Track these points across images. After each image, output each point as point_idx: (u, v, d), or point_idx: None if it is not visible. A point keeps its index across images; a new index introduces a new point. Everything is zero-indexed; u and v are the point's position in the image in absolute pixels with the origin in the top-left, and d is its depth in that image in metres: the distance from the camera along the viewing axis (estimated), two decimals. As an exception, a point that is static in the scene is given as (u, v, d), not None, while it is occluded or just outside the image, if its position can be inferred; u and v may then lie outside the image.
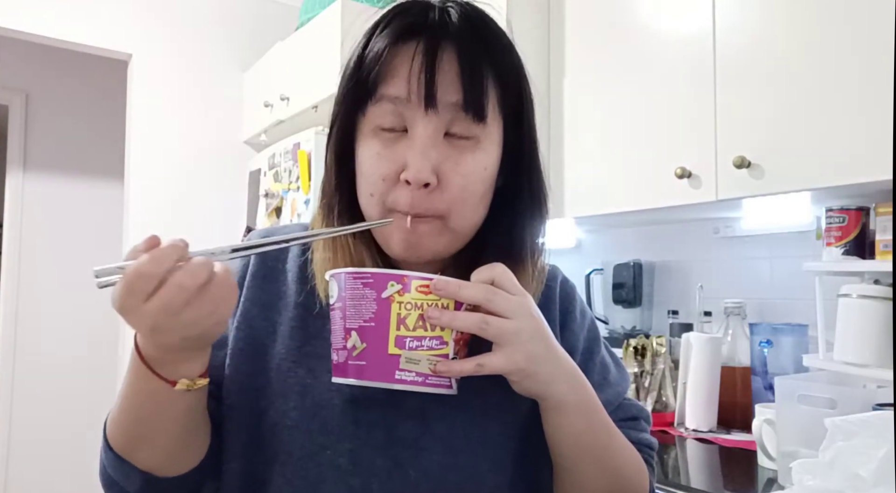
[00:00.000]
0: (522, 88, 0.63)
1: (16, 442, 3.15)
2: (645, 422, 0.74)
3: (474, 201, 0.60)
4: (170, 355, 0.51)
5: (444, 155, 0.57)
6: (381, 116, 0.58)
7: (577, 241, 2.20)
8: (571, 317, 0.72)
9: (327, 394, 0.60)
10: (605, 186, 1.64)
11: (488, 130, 0.59)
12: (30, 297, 3.24)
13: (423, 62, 0.56)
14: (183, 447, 0.58)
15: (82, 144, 3.40)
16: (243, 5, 2.88)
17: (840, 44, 1.20)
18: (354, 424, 0.59)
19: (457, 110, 0.57)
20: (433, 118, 0.57)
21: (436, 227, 0.59)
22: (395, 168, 0.57)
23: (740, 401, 1.56)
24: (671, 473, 1.26)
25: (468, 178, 0.58)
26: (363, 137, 0.60)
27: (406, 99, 0.57)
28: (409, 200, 0.57)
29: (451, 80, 0.57)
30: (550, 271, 0.72)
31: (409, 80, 0.56)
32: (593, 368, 0.71)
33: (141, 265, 0.46)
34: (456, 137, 0.58)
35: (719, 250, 1.80)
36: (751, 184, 1.33)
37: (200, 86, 2.78)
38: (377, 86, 0.58)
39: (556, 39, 1.79)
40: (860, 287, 1.20)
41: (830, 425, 0.75)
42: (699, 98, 1.43)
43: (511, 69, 0.61)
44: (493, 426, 0.62)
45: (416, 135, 0.57)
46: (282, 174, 2.34)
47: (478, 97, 0.57)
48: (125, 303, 0.47)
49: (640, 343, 1.69)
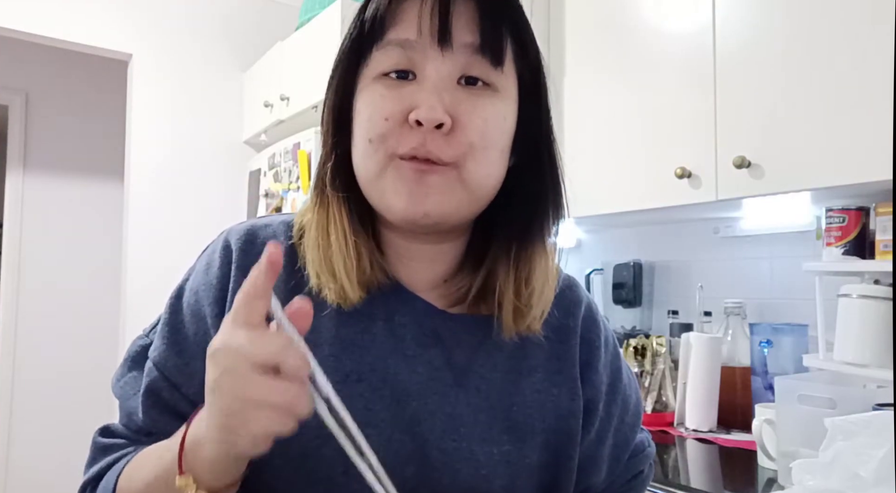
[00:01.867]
0: (539, 58, 0.57)
1: (16, 442, 3.15)
2: (648, 467, 0.71)
3: (494, 152, 0.53)
4: (207, 448, 0.44)
5: (458, 99, 0.51)
6: (386, 61, 0.52)
7: (577, 241, 2.20)
8: (597, 353, 0.64)
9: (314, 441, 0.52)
10: (605, 186, 1.64)
11: (505, 80, 0.53)
12: (30, 297, 3.24)
13: (436, 2, 0.51)
14: None
15: (82, 144, 3.41)
16: (243, 5, 2.88)
17: (840, 44, 1.20)
18: (345, 475, 0.51)
19: (472, 53, 0.51)
20: (448, 59, 0.51)
21: (448, 178, 0.51)
22: (401, 109, 0.50)
23: (740, 401, 1.56)
24: (671, 473, 1.26)
25: (487, 122, 0.51)
26: (364, 85, 0.53)
27: (416, 41, 0.51)
28: (419, 142, 0.49)
29: (467, 21, 0.51)
30: (575, 294, 0.65)
31: (419, 21, 0.51)
32: (614, 410, 0.65)
33: (293, 355, 0.40)
34: (472, 85, 0.52)
35: (719, 250, 1.80)
36: (751, 184, 1.33)
37: (200, 86, 2.78)
38: (384, 31, 0.52)
39: (556, 39, 1.79)
40: (860, 287, 1.20)
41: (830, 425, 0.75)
42: (699, 98, 1.43)
43: (529, 32, 0.55)
44: (498, 483, 0.56)
45: (428, 76, 0.51)
46: (282, 174, 2.34)
47: (497, 39, 0.51)
48: (246, 357, 0.40)
49: (640, 343, 1.69)
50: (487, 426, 0.56)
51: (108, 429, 0.60)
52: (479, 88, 0.52)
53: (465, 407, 0.56)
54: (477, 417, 0.56)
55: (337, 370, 0.54)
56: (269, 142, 2.66)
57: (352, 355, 0.55)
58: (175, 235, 2.66)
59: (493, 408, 0.57)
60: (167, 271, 2.73)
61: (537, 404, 0.58)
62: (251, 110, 2.75)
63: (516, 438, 0.57)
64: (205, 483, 0.45)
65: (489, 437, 0.56)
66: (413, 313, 0.57)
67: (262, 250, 0.45)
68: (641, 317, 1.97)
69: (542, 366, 0.60)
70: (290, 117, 2.39)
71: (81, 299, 3.33)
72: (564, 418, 0.59)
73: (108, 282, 3.29)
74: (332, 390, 0.43)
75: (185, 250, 2.68)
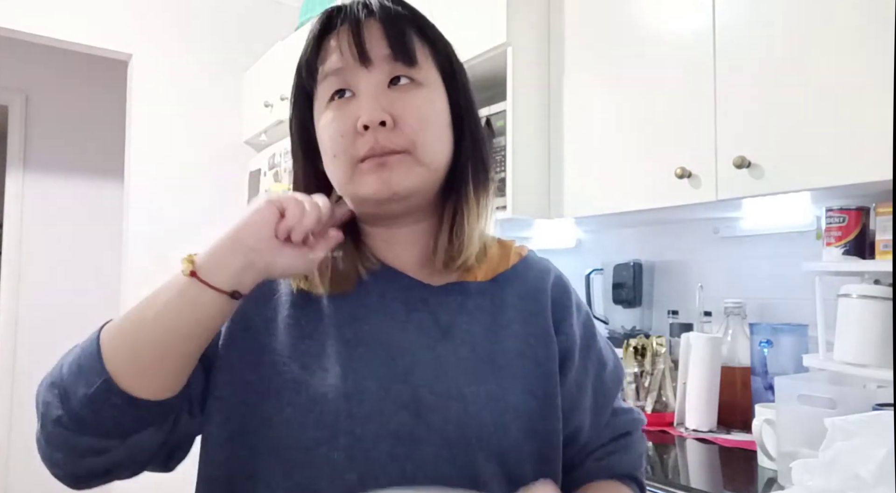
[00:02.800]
0: (448, 47, 0.69)
1: (16, 442, 3.15)
2: (637, 432, 0.75)
3: (436, 132, 0.64)
4: (227, 262, 0.56)
5: (392, 99, 0.62)
6: (328, 88, 0.64)
7: (577, 241, 2.20)
8: (569, 311, 0.73)
9: (322, 389, 0.61)
10: (605, 186, 1.64)
11: (425, 73, 0.65)
12: (30, 297, 3.24)
13: (350, 33, 0.63)
14: (170, 367, 0.57)
15: (82, 144, 3.41)
16: (243, 5, 2.88)
17: (840, 43, 1.20)
18: (349, 418, 0.59)
19: (390, 61, 0.63)
20: (373, 72, 0.63)
21: (406, 161, 0.62)
22: (350, 122, 0.62)
23: (740, 401, 1.56)
24: (671, 473, 1.26)
25: (421, 110, 0.63)
26: (319, 115, 0.66)
27: (344, 67, 0.63)
28: (373, 142, 0.61)
29: (378, 37, 0.63)
30: (543, 264, 0.76)
31: (342, 52, 0.63)
32: (590, 366, 0.73)
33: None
34: (399, 86, 0.63)
35: (719, 250, 1.80)
36: (751, 184, 1.33)
37: (200, 86, 2.78)
38: (317, 68, 0.65)
39: (556, 39, 1.79)
40: (860, 287, 1.20)
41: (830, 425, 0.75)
42: (699, 98, 1.43)
43: (432, 29, 0.67)
44: (488, 418, 0.62)
45: (362, 89, 0.63)
46: (282, 174, 2.35)
47: (404, 44, 0.63)
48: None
49: (640, 343, 1.69)
50: (472, 369, 0.64)
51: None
52: (405, 85, 0.63)
53: (452, 356, 0.64)
54: (463, 363, 0.64)
55: (339, 339, 0.63)
56: (269, 142, 2.66)
57: (350, 326, 0.64)
58: (175, 235, 2.66)
59: (477, 355, 0.65)
60: (167, 271, 2.73)
61: (516, 352, 0.67)
62: (251, 110, 2.75)
63: (499, 378, 0.64)
64: (201, 267, 0.56)
65: (474, 378, 0.63)
66: (401, 288, 0.67)
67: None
68: (641, 317, 1.97)
69: (517, 321, 0.69)
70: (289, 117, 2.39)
71: (81, 299, 3.33)
72: (542, 363, 0.67)
73: (108, 282, 3.29)
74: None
75: (184, 250, 2.69)
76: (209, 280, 0.55)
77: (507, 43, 1.71)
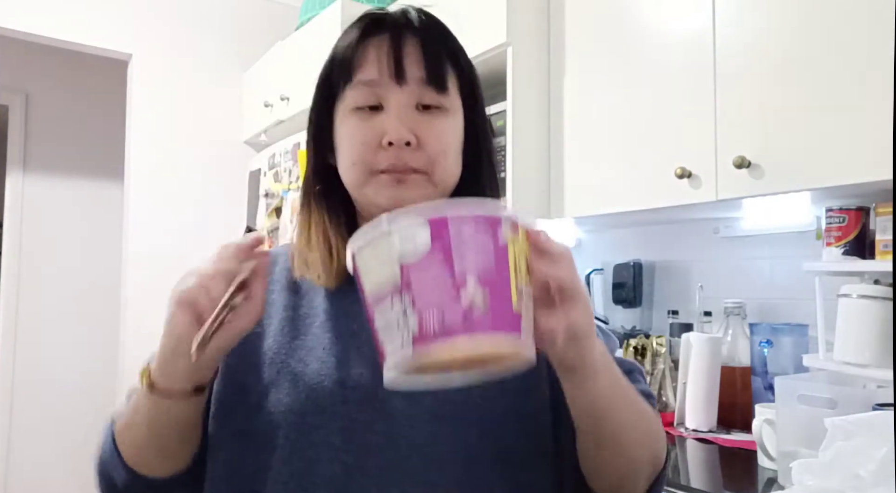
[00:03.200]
0: (475, 79, 0.72)
1: (16, 442, 3.15)
2: (639, 375, 0.75)
3: (453, 157, 0.68)
4: (169, 363, 0.57)
5: (418, 122, 0.65)
6: (357, 97, 0.66)
7: (577, 241, 2.20)
8: None
9: (318, 378, 0.64)
10: (605, 186, 1.64)
11: (451, 102, 0.68)
12: (30, 297, 3.24)
13: (390, 47, 0.65)
14: (173, 452, 0.64)
15: (82, 144, 3.40)
16: (243, 5, 2.88)
17: (840, 43, 1.20)
18: (344, 403, 0.62)
19: (423, 84, 0.65)
20: (405, 91, 0.65)
21: (422, 180, 0.65)
22: (374, 134, 0.64)
23: (740, 401, 1.56)
24: (671, 473, 1.26)
25: (442, 137, 0.66)
26: (341, 118, 0.68)
27: (379, 80, 0.65)
28: (394, 158, 0.64)
29: (416, 60, 0.65)
30: None
31: (379, 64, 0.65)
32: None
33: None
34: (426, 109, 0.66)
35: (719, 250, 1.80)
36: (751, 184, 1.33)
37: (200, 86, 2.78)
38: (352, 73, 0.66)
39: (556, 39, 1.79)
40: (860, 287, 1.20)
41: (830, 425, 0.75)
42: (699, 98, 1.43)
43: (465, 57, 0.71)
44: (477, 393, 0.64)
45: (392, 105, 0.65)
46: (282, 174, 2.35)
47: (439, 71, 0.66)
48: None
49: (640, 343, 1.69)
50: None
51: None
52: (432, 111, 0.66)
53: None
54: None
55: (333, 331, 0.66)
56: (269, 142, 2.66)
57: (344, 319, 0.67)
58: (175, 235, 2.66)
59: None
60: (167, 271, 2.72)
61: None
62: (251, 110, 2.75)
63: None
64: (154, 377, 0.58)
65: None
66: None
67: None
68: (641, 317, 1.97)
69: None
70: (290, 117, 2.39)
71: (81, 299, 3.33)
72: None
73: (108, 282, 3.28)
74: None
75: (184, 250, 2.70)
76: (168, 388, 0.58)
77: (507, 43, 1.71)
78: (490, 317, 0.41)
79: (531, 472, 0.65)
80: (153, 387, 0.57)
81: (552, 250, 0.48)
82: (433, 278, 0.42)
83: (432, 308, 0.41)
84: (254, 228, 2.55)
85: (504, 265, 0.43)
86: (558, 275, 0.47)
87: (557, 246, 0.49)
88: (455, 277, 0.42)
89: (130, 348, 2.54)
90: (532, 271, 0.46)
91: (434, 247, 0.42)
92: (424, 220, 0.43)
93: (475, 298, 0.41)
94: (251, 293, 0.55)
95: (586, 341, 0.50)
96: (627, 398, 0.59)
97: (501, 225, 0.44)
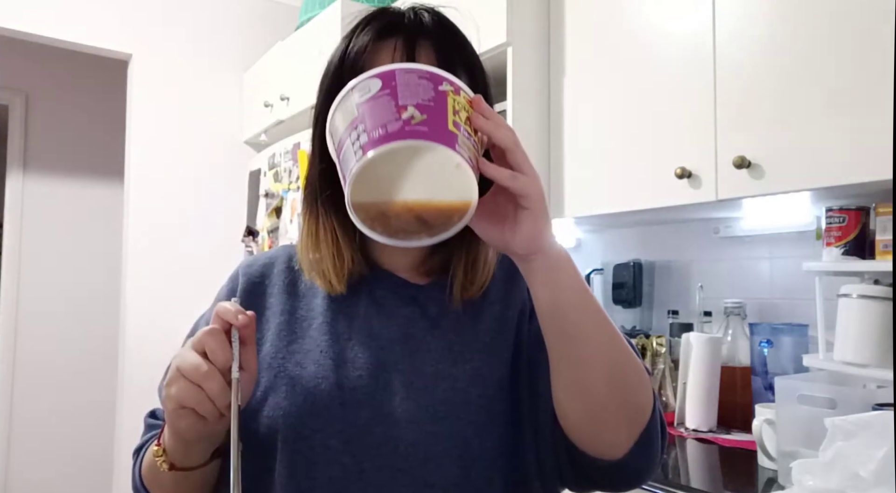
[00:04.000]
0: (486, 79, 0.71)
1: (16, 442, 3.15)
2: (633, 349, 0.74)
3: None
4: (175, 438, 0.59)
5: None
6: None
7: (577, 241, 2.20)
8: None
9: (315, 381, 0.64)
10: (605, 186, 1.64)
11: None
12: (30, 297, 3.24)
13: (404, 52, 0.64)
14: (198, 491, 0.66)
15: (82, 144, 3.41)
16: (243, 5, 2.88)
17: (840, 43, 1.20)
18: (342, 405, 0.63)
19: None
20: None
21: None
22: None
23: (740, 401, 1.56)
24: (671, 473, 1.26)
25: None
26: None
27: None
28: None
29: (429, 61, 0.64)
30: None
31: (392, 61, 0.63)
32: None
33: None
34: None
35: (719, 250, 1.80)
36: (751, 184, 1.33)
37: (200, 86, 2.78)
38: (363, 69, 0.63)
39: (556, 39, 1.79)
40: (860, 287, 1.20)
41: (830, 425, 0.75)
42: (699, 98, 1.43)
43: (477, 63, 0.69)
44: (474, 392, 0.64)
45: None
46: (282, 174, 2.35)
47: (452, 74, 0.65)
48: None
49: (640, 343, 1.69)
50: (460, 350, 0.66)
51: (153, 412, 0.75)
52: None
53: (440, 342, 0.67)
54: (451, 347, 0.66)
55: (330, 333, 0.67)
56: (269, 142, 2.66)
57: (342, 321, 0.68)
58: (175, 235, 2.66)
59: (464, 338, 0.67)
60: (167, 271, 2.74)
61: (498, 326, 0.69)
62: (251, 110, 2.75)
63: (486, 355, 0.67)
64: (172, 459, 0.61)
65: (462, 358, 0.66)
66: (392, 287, 0.70)
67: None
68: (641, 317, 1.97)
69: (498, 301, 0.71)
70: (290, 117, 2.39)
71: (81, 299, 3.33)
72: (522, 329, 0.69)
73: (108, 282, 3.29)
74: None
75: (184, 251, 2.70)
76: (187, 465, 0.61)
77: (507, 43, 1.71)
78: (426, 129, 0.48)
79: (529, 469, 0.65)
80: (172, 467, 0.60)
81: (492, 114, 0.53)
82: (381, 106, 0.50)
83: (378, 127, 0.49)
84: (254, 229, 2.55)
85: (442, 105, 0.50)
86: (498, 134, 0.51)
87: (497, 115, 0.53)
88: (398, 104, 0.50)
89: (130, 348, 2.54)
90: (474, 126, 0.51)
91: (383, 88, 0.51)
92: (377, 73, 0.52)
93: (413, 114, 0.49)
94: (245, 364, 0.56)
95: (539, 212, 0.52)
96: (598, 314, 0.59)
97: (443, 81, 0.52)
